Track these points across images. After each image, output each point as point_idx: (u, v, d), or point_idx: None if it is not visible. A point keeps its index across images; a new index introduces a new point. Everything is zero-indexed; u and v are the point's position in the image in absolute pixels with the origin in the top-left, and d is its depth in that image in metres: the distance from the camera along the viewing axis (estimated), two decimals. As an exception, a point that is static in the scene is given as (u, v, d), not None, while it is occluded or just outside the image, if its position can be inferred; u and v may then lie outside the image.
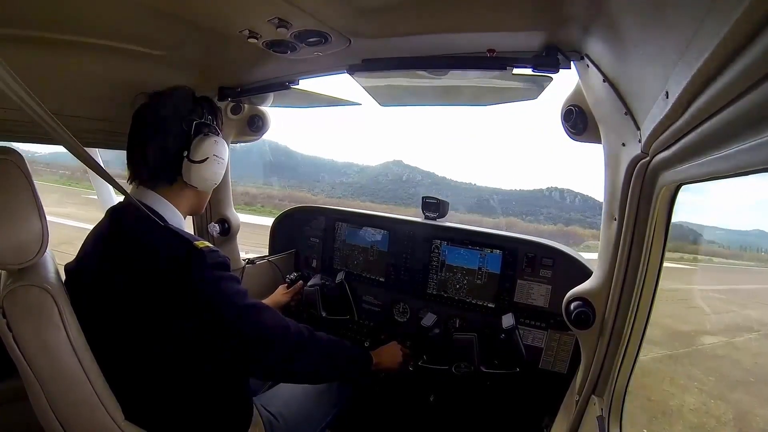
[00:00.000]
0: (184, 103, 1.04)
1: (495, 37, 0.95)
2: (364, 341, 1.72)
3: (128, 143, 1.03)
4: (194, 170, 1.02)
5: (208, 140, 1.03)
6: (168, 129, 1.00)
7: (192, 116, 1.04)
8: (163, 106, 1.02)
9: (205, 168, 1.03)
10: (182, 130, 1.02)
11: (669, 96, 0.51)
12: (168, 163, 1.01)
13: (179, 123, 1.01)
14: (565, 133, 1.05)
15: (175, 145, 1.01)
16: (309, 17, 0.89)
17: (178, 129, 1.01)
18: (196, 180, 1.03)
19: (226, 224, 1.78)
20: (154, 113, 1.02)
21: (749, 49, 0.34)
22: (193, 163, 1.01)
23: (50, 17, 0.92)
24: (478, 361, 1.44)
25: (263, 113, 1.68)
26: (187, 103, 1.05)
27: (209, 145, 1.03)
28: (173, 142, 1.00)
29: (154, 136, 1.00)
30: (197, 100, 1.08)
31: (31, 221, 0.80)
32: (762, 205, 1.79)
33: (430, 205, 1.66)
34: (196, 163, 1.01)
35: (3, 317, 0.78)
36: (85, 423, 0.85)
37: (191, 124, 1.03)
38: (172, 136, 1.00)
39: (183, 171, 1.02)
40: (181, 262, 0.88)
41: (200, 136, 1.03)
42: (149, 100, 1.04)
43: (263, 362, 1.00)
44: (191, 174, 1.02)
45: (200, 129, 1.04)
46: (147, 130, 1.01)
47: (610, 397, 0.92)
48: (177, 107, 1.03)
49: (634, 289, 0.85)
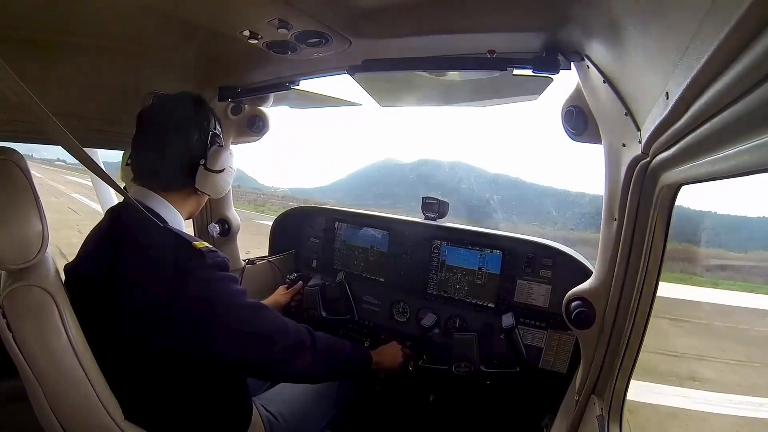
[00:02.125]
0: (201, 112, 1.05)
1: (495, 38, 0.95)
2: (364, 341, 1.72)
3: (136, 143, 1.02)
4: (210, 179, 1.04)
5: (225, 152, 1.06)
6: (188, 136, 1.01)
7: (208, 126, 1.05)
8: (179, 111, 1.02)
9: (222, 178, 1.06)
10: (201, 139, 1.03)
11: (669, 97, 0.51)
12: (183, 170, 1.02)
13: (198, 131, 1.02)
14: (565, 133, 1.05)
15: (193, 153, 1.02)
16: (309, 18, 0.89)
17: (196, 137, 1.02)
18: (210, 188, 1.05)
19: (226, 224, 1.78)
20: (169, 117, 1.01)
21: (749, 50, 0.34)
22: (211, 172, 1.03)
23: (51, 18, 0.92)
24: (478, 360, 1.44)
25: (263, 114, 1.68)
26: (203, 111, 1.06)
27: (227, 156, 1.06)
28: (192, 150, 1.02)
29: (170, 141, 1.00)
30: (210, 109, 1.09)
31: (31, 221, 0.80)
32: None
33: (430, 206, 1.66)
34: (213, 173, 1.04)
35: (3, 317, 0.78)
36: (84, 423, 0.85)
37: (208, 133, 1.04)
38: (191, 144, 1.01)
39: (198, 178, 1.03)
40: (181, 263, 0.88)
41: (215, 146, 1.05)
42: (161, 102, 1.05)
43: (262, 362, 1.00)
44: (207, 182, 1.04)
45: (215, 139, 1.06)
46: (162, 135, 1.00)
47: (610, 397, 0.92)
48: (195, 115, 1.04)
49: (634, 289, 0.85)
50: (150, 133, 1.01)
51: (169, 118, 1.01)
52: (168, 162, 1.00)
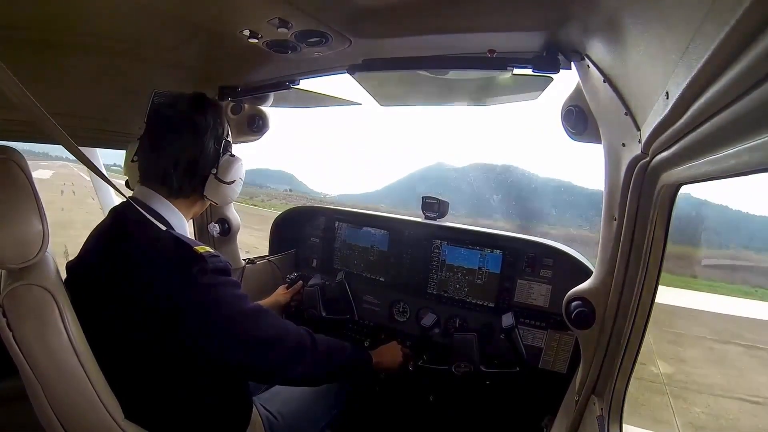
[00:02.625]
0: (217, 117, 1.03)
1: (495, 38, 0.95)
2: (364, 341, 1.72)
3: (145, 143, 0.99)
4: (221, 189, 1.03)
5: (237, 163, 1.05)
6: (203, 144, 0.99)
7: (223, 133, 1.04)
8: (196, 115, 0.98)
9: (231, 189, 1.06)
10: (214, 148, 1.01)
11: (669, 96, 0.51)
12: (194, 178, 1.01)
13: (212, 140, 1.01)
14: (565, 133, 1.05)
15: (205, 162, 1.00)
16: (309, 17, 0.89)
17: (210, 145, 1.00)
18: (220, 198, 1.05)
19: (226, 224, 1.78)
20: (185, 121, 0.98)
21: (749, 50, 0.34)
22: (222, 183, 1.03)
23: (51, 18, 0.92)
24: (477, 360, 1.44)
25: (263, 113, 1.68)
26: (219, 117, 1.03)
27: (238, 168, 1.05)
28: (204, 159, 1.00)
29: (184, 148, 0.98)
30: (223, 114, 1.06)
31: (31, 220, 0.80)
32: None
33: (430, 205, 1.66)
34: (224, 184, 1.03)
35: (3, 316, 0.78)
36: (85, 422, 0.85)
37: (221, 141, 1.03)
38: (205, 152, 0.99)
39: (207, 187, 1.02)
40: (182, 267, 0.88)
41: (227, 156, 1.04)
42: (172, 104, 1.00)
43: (262, 368, 1.00)
44: (217, 192, 1.03)
45: (227, 148, 1.05)
46: (175, 139, 0.97)
47: (610, 397, 0.92)
48: (211, 121, 1.00)
49: (634, 289, 0.85)
50: (162, 135, 0.98)
51: (184, 122, 0.98)
52: (179, 169, 0.98)
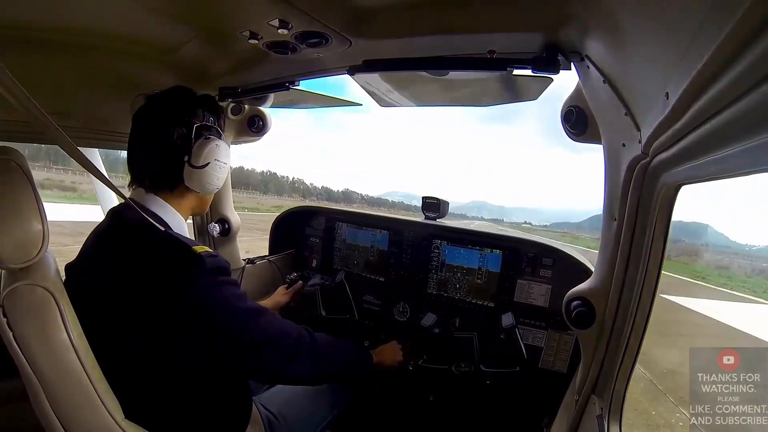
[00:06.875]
0: (183, 105, 1.02)
1: (495, 38, 0.95)
2: (364, 341, 1.72)
3: (128, 147, 1.02)
4: (196, 175, 1.00)
5: (210, 144, 1.01)
6: (168, 133, 0.98)
7: (192, 119, 1.01)
8: (162, 108, 1.00)
9: (207, 173, 1.01)
10: (183, 134, 0.99)
11: (669, 97, 0.51)
12: (169, 169, 0.99)
13: (180, 126, 0.99)
14: (565, 133, 1.05)
15: (175, 150, 0.98)
16: (309, 18, 0.89)
17: (178, 133, 0.98)
18: (197, 185, 1.02)
19: (226, 224, 1.78)
20: (152, 116, 0.99)
21: (749, 50, 0.34)
22: (194, 168, 0.99)
23: (50, 19, 0.92)
24: (477, 360, 1.44)
25: (263, 113, 1.68)
26: (186, 104, 1.02)
27: (210, 149, 1.01)
28: (174, 148, 0.98)
29: (154, 140, 0.98)
30: (198, 100, 1.05)
31: (31, 220, 0.80)
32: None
33: (431, 205, 1.66)
34: (197, 169, 0.99)
35: (3, 316, 0.78)
36: (85, 422, 0.85)
37: (192, 127, 1.00)
38: (172, 141, 0.98)
39: (185, 176, 1.00)
40: (180, 267, 0.88)
41: (201, 140, 1.00)
42: (148, 102, 1.01)
43: (263, 366, 1.00)
44: (193, 179, 1.00)
45: (201, 132, 1.01)
46: (146, 134, 0.99)
47: (610, 397, 0.92)
48: (176, 110, 1.00)
49: (634, 289, 0.85)
50: (137, 133, 1.00)
51: (151, 115, 0.99)
52: (153, 161, 0.98)
